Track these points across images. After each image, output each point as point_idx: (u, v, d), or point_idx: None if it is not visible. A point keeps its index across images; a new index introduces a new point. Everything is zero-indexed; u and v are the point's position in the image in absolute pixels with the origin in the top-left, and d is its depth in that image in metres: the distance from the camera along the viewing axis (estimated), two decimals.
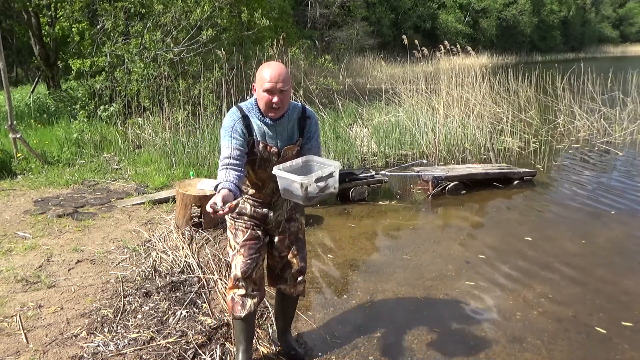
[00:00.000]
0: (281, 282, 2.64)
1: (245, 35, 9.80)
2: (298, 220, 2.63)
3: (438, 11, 34.59)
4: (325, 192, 2.23)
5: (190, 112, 7.94)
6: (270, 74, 2.22)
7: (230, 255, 2.52)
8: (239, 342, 2.60)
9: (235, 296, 2.48)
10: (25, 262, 3.79)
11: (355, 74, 17.83)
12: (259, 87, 2.26)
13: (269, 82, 2.22)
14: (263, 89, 2.24)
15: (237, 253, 2.47)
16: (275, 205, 2.52)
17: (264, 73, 2.24)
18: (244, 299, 2.47)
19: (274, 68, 2.25)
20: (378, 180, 5.81)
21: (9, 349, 2.75)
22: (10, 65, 15.49)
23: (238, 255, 2.46)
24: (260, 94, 2.26)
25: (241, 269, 2.43)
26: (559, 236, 4.71)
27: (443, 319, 3.26)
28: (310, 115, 2.48)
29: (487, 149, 7.48)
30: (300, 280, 2.63)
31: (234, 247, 2.49)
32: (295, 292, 2.66)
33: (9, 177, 6.07)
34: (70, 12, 8.97)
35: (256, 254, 2.47)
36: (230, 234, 2.51)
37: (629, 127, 9.30)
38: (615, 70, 11.66)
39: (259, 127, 2.34)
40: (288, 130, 2.40)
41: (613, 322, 3.22)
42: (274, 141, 2.37)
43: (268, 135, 2.36)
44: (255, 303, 2.50)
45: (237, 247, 2.47)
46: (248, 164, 2.37)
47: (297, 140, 2.43)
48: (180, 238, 4.31)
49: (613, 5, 65.37)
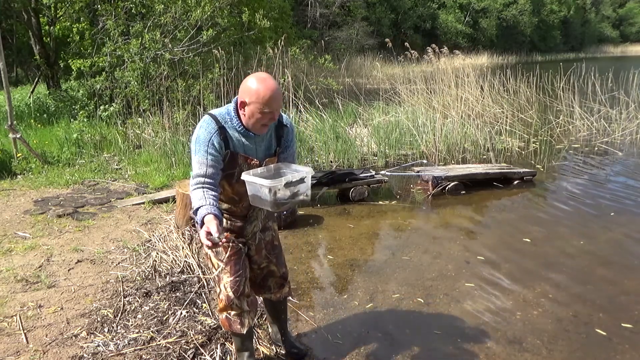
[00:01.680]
0: (264, 290, 2.62)
1: (245, 35, 9.80)
2: (271, 227, 2.57)
3: (438, 11, 34.61)
4: (296, 199, 2.15)
5: (190, 112, 7.95)
6: (271, 98, 2.07)
7: (214, 274, 2.35)
8: (243, 350, 2.56)
9: (230, 316, 2.40)
10: (25, 262, 3.79)
11: (355, 74, 17.83)
12: (253, 106, 2.09)
13: (268, 109, 2.09)
14: (260, 112, 2.09)
15: (222, 272, 2.34)
16: (251, 217, 2.40)
17: (263, 94, 2.06)
18: (240, 317, 2.39)
19: (274, 92, 2.08)
20: (378, 180, 5.81)
21: (9, 349, 2.75)
22: (10, 65, 15.49)
23: (224, 274, 2.34)
24: (254, 114, 2.10)
25: (232, 288, 2.33)
26: (559, 236, 4.71)
27: (443, 319, 3.26)
28: (287, 123, 2.36)
29: (487, 149, 7.49)
30: (284, 285, 2.62)
31: (217, 265, 2.34)
32: (281, 296, 2.65)
33: (9, 177, 6.07)
34: (71, 12, 8.97)
35: (242, 268, 2.38)
36: (211, 252, 2.31)
37: (629, 127, 9.30)
38: (616, 70, 11.66)
39: (237, 139, 2.20)
40: (266, 140, 2.29)
41: (613, 322, 3.22)
42: (254, 153, 2.25)
43: (247, 147, 2.23)
44: (253, 316, 2.46)
45: (222, 265, 2.32)
46: (224, 179, 2.23)
47: (275, 150, 2.33)
48: (180, 238, 4.31)
49: (613, 5, 65.38)
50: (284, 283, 2.63)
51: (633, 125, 9.30)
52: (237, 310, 2.38)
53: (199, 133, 2.15)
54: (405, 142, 7.94)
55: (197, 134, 2.15)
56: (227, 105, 2.25)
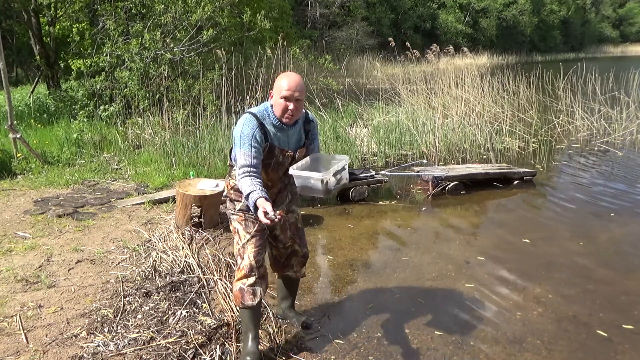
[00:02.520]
0: (288, 269, 2.93)
1: (245, 35, 9.80)
2: (295, 211, 2.86)
3: (438, 11, 34.59)
4: (340, 184, 2.52)
5: (190, 112, 7.94)
6: (288, 83, 2.41)
7: (239, 245, 2.61)
8: (249, 330, 2.68)
9: (244, 287, 2.58)
10: (25, 262, 3.79)
11: (355, 74, 17.83)
12: (276, 94, 2.44)
13: (287, 90, 2.41)
14: (281, 96, 2.42)
15: (247, 242, 2.59)
16: (277, 202, 2.74)
17: (283, 82, 2.42)
18: (254, 287, 2.59)
19: (292, 78, 2.44)
20: (378, 180, 5.81)
21: (9, 349, 2.75)
22: (10, 65, 15.48)
23: (249, 244, 2.59)
24: (277, 101, 2.45)
25: (254, 256, 2.58)
26: (559, 236, 4.71)
27: (443, 319, 3.26)
28: (313, 119, 2.73)
29: (487, 149, 7.49)
30: (304, 264, 2.96)
31: (244, 237, 2.60)
32: (300, 274, 2.97)
33: (9, 177, 6.07)
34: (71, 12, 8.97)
35: (264, 244, 2.67)
36: (240, 225, 2.62)
37: (629, 127, 9.30)
38: (616, 70, 11.66)
39: (274, 133, 2.52)
40: (297, 134, 2.63)
41: (613, 323, 3.23)
42: (286, 145, 2.58)
43: (282, 140, 2.56)
44: (263, 290, 2.65)
45: (248, 236, 2.60)
46: (262, 167, 2.53)
47: (304, 142, 2.67)
48: (180, 238, 4.31)
49: (613, 5, 65.36)
50: (305, 262, 2.96)
51: (633, 126, 9.30)
52: (253, 279, 2.58)
53: (242, 129, 2.45)
54: (405, 142, 7.94)
55: (241, 130, 2.45)
56: (264, 104, 2.55)
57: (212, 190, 4.60)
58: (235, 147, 2.51)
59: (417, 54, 10.41)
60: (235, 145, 2.49)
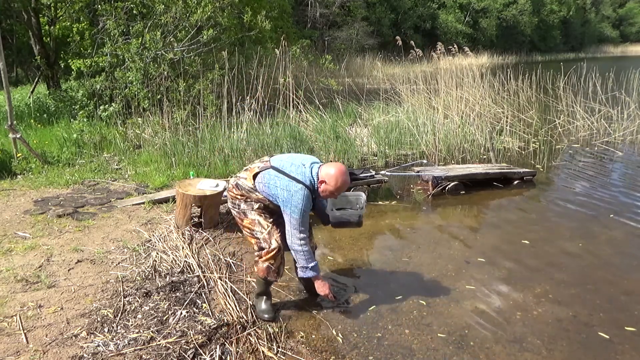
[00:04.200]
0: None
1: (246, 35, 9.80)
2: None
3: (438, 11, 34.56)
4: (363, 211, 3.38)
5: (190, 112, 7.94)
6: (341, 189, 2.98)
7: (263, 233, 3.06)
8: (264, 294, 3.22)
9: (272, 266, 3.08)
10: (25, 262, 3.79)
11: (355, 74, 17.82)
12: (333, 187, 2.93)
13: (337, 193, 3.00)
14: (336, 192, 2.98)
15: (272, 229, 3.07)
16: None
17: (340, 187, 2.95)
18: (279, 268, 3.12)
19: (344, 186, 2.98)
20: (378, 180, 5.81)
21: (9, 349, 2.75)
22: (10, 65, 15.48)
23: (274, 231, 3.08)
24: (331, 189, 2.95)
25: (281, 241, 3.07)
26: (559, 236, 4.71)
27: (443, 319, 3.26)
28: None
29: (487, 149, 7.48)
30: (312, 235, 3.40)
31: (267, 225, 3.07)
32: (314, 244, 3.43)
33: (9, 177, 6.06)
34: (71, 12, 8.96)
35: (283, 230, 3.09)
36: (259, 217, 3.08)
37: (629, 127, 9.30)
38: (616, 70, 11.66)
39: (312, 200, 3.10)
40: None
41: (613, 322, 3.23)
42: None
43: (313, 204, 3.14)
44: (283, 269, 3.19)
45: (270, 225, 3.08)
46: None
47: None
48: (180, 238, 4.31)
49: (613, 5, 65.32)
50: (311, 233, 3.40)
51: (633, 125, 9.30)
52: (279, 261, 3.09)
53: (305, 204, 2.93)
54: (405, 142, 7.94)
55: (303, 203, 2.92)
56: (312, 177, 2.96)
57: (212, 190, 4.60)
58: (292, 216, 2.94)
59: (421, 52, 10.42)
60: (294, 214, 2.92)
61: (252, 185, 3.06)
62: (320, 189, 2.97)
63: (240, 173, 3.20)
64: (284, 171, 2.97)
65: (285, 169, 2.98)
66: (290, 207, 2.92)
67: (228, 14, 8.96)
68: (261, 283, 3.21)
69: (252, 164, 3.19)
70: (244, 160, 6.78)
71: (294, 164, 3.00)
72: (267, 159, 3.12)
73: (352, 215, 3.26)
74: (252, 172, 3.09)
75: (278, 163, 3.03)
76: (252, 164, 3.22)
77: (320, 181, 2.95)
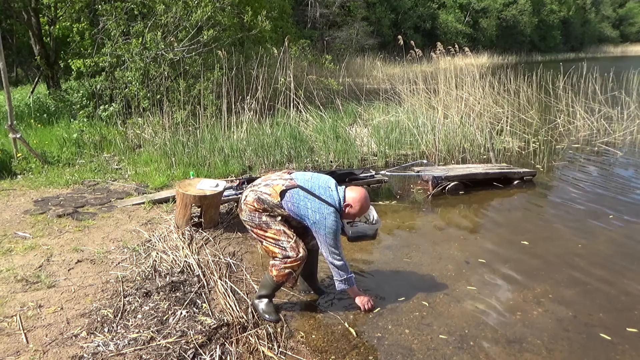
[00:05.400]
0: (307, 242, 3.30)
1: (246, 35, 9.80)
2: None
3: (438, 11, 34.55)
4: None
5: (190, 112, 7.94)
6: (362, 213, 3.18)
7: (290, 242, 3.11)
8: (270, 296, 3.26)
9: (294, 273, 3.15)
10: (25, 262, 3.79)
11: (355, 74, 17.83)
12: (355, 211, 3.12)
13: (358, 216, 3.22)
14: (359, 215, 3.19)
15: (297, 240, 3.14)
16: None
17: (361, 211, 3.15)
18: (297, 277, 3.26)
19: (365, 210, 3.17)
20: (378, 180, 5.81)
21: (9, 349, 2.75)
22: (10, 65, 15.49)
23: (300, 242, 3.15)
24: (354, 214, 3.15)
25: (305, 251, 3.14)
26: (559, 236, 4.71)
27: (443, 319, 3.26)
28: None
29: (487, 149, 7.48)
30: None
31: (292, 235, 3.13)
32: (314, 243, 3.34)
33: (9, 177, 6.06)
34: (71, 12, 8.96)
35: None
36: (284, 227, 3.11)
37: (630, 127, 9.30)
38: (617, 70, 11.66)
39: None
40: None
41: (613, 322, 3.23)
42: None
43: None
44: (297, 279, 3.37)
45: (293, 236, 3.13)
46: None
47: None
48: (180, 238, 4.31)
49: (613, 5, 65.32)
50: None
51: (634, 125, 9.30)
52: (301, 269, 3.19)
53: (337, 225, 3.06)
54: (405, 142, 7.94)
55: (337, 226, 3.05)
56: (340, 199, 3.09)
57: (212, 190, 4.60)
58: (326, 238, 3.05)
59: (421, 52, 10.42)
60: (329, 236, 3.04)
61: (279, 203, 3.06)
62: (345, 212, 3.11)
63: (260, 187, 3.13)
64: (314, 193, 3.05)
65: (314, 190, 3.06)
66: (325, 230, 3.02)
67: (228, 13, 8.96)
68: (271, 287, 3.21)
69: (273, 179, 3.15)
70: (244, 160, 6.79)
71: (321, 186, 3.11)
72: (290, 177, 3.14)
73: (370, 229, 3.45)
74: (276, 188, 3.07)
75: (304, 183, 3.10)
76: (271, 178, 3.19)
77: (346, 205, 3.10)
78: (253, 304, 3.28)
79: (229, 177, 6.15)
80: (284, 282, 3.16)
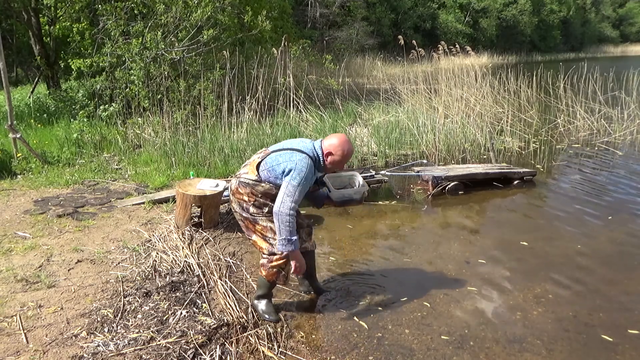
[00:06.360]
0: (301, 242, 3.20)
1: (246, 35, 9.80)
2: None
3: (438, 11, 34.54)
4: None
5: (190, 112, 7.94)
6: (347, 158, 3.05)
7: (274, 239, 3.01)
8: (267, 296, 3.23)
9: (282, 270, 3.08)
10: (25, 262, 3.79)
11: (355, 74, 17.82)
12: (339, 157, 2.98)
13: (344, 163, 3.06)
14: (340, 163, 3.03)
15: None
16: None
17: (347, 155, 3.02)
18: (287, 274, 3.15)
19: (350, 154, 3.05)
20: (378, 180, 5.81)
21: (9, 349, 2.75)
22: (10, 65, 15.48)
23: None
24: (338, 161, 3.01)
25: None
26: (559, 236, 4.71)
27: (443, 319, 3.26)
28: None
29: (487, 149, 7.48)
30: (312, 233, 3.36)
31: None
32: (310, 244, 3.34)
33: (9, 177, 6.06)
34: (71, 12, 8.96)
35: None
36: (271, 223, 3.02)
37: (630, 127, 9.30)
38: (616, 70, 11.65)
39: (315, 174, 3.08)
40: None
41: (613, 322, 3.23)
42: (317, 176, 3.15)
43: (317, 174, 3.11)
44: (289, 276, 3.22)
45: None
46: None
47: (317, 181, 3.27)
48: (180, 238, 4.31)
49: (613, 5, 65.30)
50: (312, 232, 3.37)
51: (634, 125, 9.29)
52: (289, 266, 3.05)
53: (307, 174, 2.88)
54: (405, 142, 7.94)
55: (305, 173, 2.87)
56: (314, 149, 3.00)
57: (212, 190, 4.60)
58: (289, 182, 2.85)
59: (422, 52, 10.42)
60: (293, 180, 2.85)
61: (257, 176, 3.00)
62: (328, 162, 2.99)
63: (240, 171, 3.14)
64: (286, 148, 2.99)
65: (285, 146, 3.02)
66: (292, 175, 2.85)
67: (228, 13, 8.96)
68: (266, 286, 3.19)
69: (250, 160, 3.16)
70: (244, 160, 6.78)
71: (293, 142, 3.06)
72: (264, 149, 3.16)
73: (356, 192, 3.33)
74: (252, 164, 3.06)
75: (277, 147, 3.08)
76: (248, 160, 3.19)
77: (326, 154, 2.98)
78: (252, 304, 3.27)
79: (229, 177, 6.15)
80: (275, 280, 3.12)
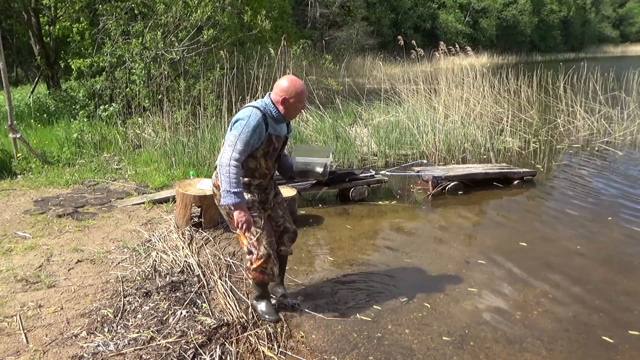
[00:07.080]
0: (280, 246, 3.20)
1: (246, 35, 9.80)
2: (279, 192, 3.26)
3: (438, 11, 34.56)
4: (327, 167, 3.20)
5: (190, 112, 7.94)
6: (304, 96, 2.88)
7: (252, 239, 2.94)
8: (265, 297, 3.20)
9: (266, 270, 2.99)
10: (25, 262, 3.79)
11: (355, 74, 17.82)
12: (294, 99, 2.82)
13: (303, 101, 2.89)
14: (299, 103, 2.86)
15: (261, 236, 2.95)
16: (268, 187, 3.08)
17: (301, 92, 2.83)
18: (273, 269, 3.02)
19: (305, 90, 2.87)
20: (378, 180, 5.81)
21: (9, 349, 2.75)
22: (10, 65, 15.48)
23: (262, 237, 2.95)
24: (293, 105, 2.85)
25: (270, 246, 2.97)
26: (559, 236, 4.71)
27: (443, 319, 3.26)
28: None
29: (487, 149, 7.48)
30: (294, 240, 3.29)
31: (256, 232, 2.94)
32: (289, 250, 3.32)
33: (9, 177, 6.06)
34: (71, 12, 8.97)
35: (272, 233, 3.07)
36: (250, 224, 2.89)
37: (630, 127, 9.30)
38: (616, 70, 11.66)
39: (271, 124, 2.86)
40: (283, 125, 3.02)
41: (613, 323, 3.23)
42: (279, 132, 2.94)
43: (277, 129, 2.91)
44: (277, 267, 3.08)
45: (260, 231, 2.95)
46: (262, 157, 2.89)
47: (288, 131, 3.06)
48: (180, 238, 4.31)
49: (613, 5, 65.34)
50: (295, 238, 3.29)
51: (634, 125, 9.30)
52: (271, 264, 2.99)
53: (249, 121, 2.72)
54: (405, 142, 7.94)
55: (247, 120, 2.72)
56: (262, 100, 2.89)
57: (211, 191, 4.60)
58: (231, 132, 2.74)
59: (422, 52, 10.42)
60: (234, 129, 2.72)
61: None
62: (283, 108, 2.82)
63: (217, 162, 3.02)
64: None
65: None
66: (235, 125, 2.73)
67: (228, 13, 8.96)
68: (258, 288, 3.19)
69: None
70: None
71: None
72: None
73: (317, 164, 3.09)
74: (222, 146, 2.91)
75: None
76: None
77: (282, 100, 2.80)
78: (252, 305, 3.27)
79: None
80: (262, 281, 3.08)
